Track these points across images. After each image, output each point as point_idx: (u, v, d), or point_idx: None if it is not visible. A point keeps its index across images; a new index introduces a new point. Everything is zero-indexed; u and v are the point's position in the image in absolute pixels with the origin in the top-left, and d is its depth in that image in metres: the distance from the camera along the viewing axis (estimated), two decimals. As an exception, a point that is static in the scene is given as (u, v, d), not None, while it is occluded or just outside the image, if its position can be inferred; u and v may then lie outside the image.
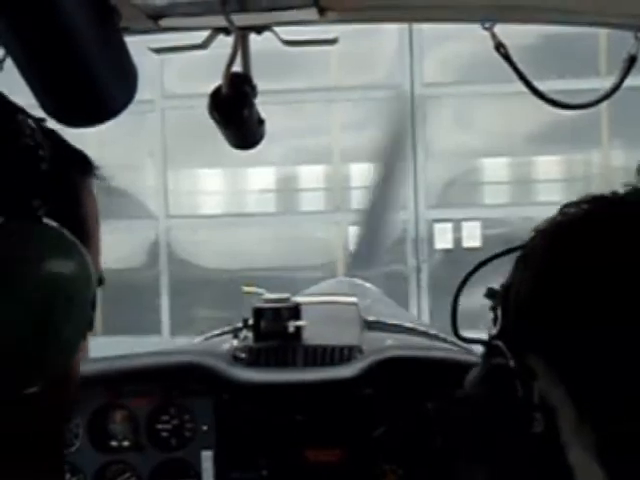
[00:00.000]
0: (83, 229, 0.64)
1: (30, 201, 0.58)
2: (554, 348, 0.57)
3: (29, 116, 0.63)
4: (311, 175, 10.32)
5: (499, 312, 0.67)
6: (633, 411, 0.52)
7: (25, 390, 0.61)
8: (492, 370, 0.67)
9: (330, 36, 1.18)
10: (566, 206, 0.62)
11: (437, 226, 9.74)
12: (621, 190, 0.61)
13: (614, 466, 0.53)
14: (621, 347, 0.53)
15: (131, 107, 0.84)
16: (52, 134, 0.64)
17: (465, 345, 2.19)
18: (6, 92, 0.65)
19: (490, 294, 0.69)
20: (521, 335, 0.62)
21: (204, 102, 1.15)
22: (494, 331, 0.67)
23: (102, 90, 0.78)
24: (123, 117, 0.84)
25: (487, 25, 1.11)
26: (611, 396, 0.53)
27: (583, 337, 0.54)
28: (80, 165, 0.66)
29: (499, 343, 0.65)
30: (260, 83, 1.17)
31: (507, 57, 1.12)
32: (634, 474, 0.52)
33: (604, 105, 1.20)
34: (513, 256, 0.68)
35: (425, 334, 2.13)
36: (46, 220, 0.59)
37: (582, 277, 0.56)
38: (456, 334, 0.84)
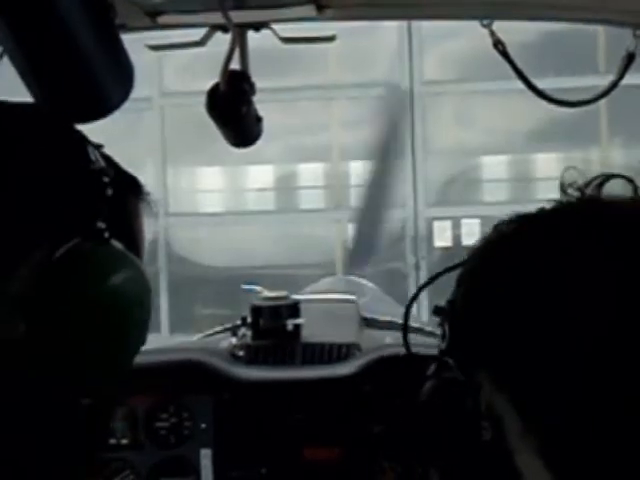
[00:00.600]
0: (137, 247, 0.71)
1: (97, 223, 0.63)
2: (495, 361, 0.61)
3: (90, 142, 0.68)
4: (310, 173, 10.32)
5: (446, 328, 0.70)
6: (572, 415, 0.55)
7: (93, 396, 0.67)
8: (442, 384, 0.71)
9: (328, 33, 1.17)
10: (498, 224, 0.65)
11: (436, 224, 9.74)
12: (548, 206, 0.65)
13: (559, 467, 0.56)
14: (554, 357, 0.56)
15: (129, 105, 0.84)
16: (109, 159, 0.70)
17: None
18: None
19: (436, 311, 0.72)
20: (465, 350, 0.66)
21: (203, 100, 1.14)
22: (443, 346, 0.71)
23: (98, 87, 0.78)
24: (121, 115, 0.84)
25: (485, 22, 1.10)
26: (551, 403, 0.56)
27: (518, 350, 0.58)
28: (134, 188, 0.72)
29: (447, 359, 0.69)
30: (258, 81, 1.17)
31: (505, 54, 1.12)
32: (579, 473, 0.56)
33: (603, 103, 1.21)
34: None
35: (424, 332, 2.13)
36: (113, 241, 0.65)
37: (510, 292, 0.60)
38: (407, 348, 0.91)
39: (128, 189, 0.70)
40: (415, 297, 0.93)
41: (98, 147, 0.70)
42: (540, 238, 0.60)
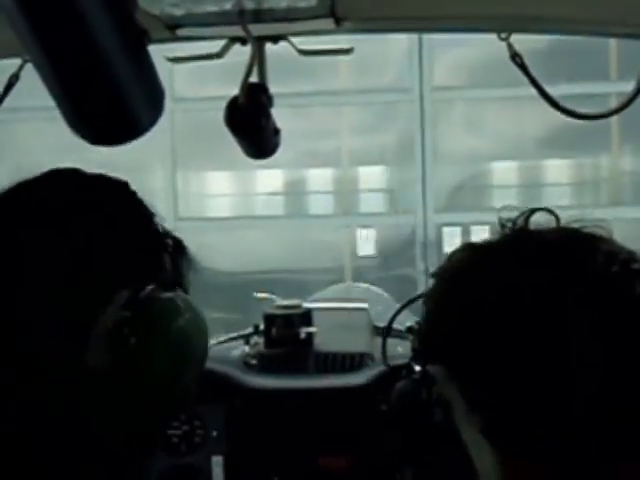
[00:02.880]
0: (187, 293, 0.85)
1: (166, 274, 0.79)
2: (447, 361, 0.78)
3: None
4: (320, 178, 10.33)
5: (415, 343, 0.85)
6: (505, 395, 0.72)
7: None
8: (409, 383, 1.01)
9: (345, 46, 1.18)
10: (452, 254, 0.81)
11: (446, 230, 9.73)
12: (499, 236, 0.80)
13: (498, 440, 0.73)
14: (493, 358, 0.72)
15: None
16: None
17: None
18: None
19: (408, 330, 0.83)
20: (426, 355, 0.85)
21: (213, 105, 1.15)
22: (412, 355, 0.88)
23: (130, 110, 0.79)
24: None
25: (503, 36, 1.10)
26: (490, 389, 0.72)
27: (465, 353, 0.75)
28: (181, 247, 0.84)
29: (412, 364, 0.88)
30: (269, 86, 1.18)
31: (523, 67, 1.12)
32: (513, 445, 0.72)
33: (613, 110, 1.20)
34: None
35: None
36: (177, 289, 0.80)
37: (461, 310, 0.75)
38: (385, 360, 0.97)
39: (179, 248, 0.83)
40: (395, 317, 1.23)
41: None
42: (486, 269, 0.76)
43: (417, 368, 0.95)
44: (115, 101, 0.78)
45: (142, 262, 0.76)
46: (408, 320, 2.28)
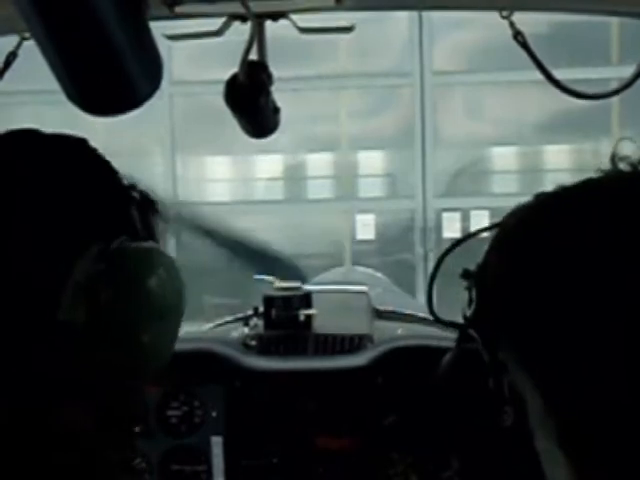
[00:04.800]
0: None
1: (135, 226, 0.78)
2: (522, 336, 0.58)
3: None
4: (319, 163, 10.31)
5: (474, 294, 0.64)
6: (598, 403, 0.53)
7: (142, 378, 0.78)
8: (463, 356, 0.66)
9: (346, 23, 1.17)
10: (539, 193, 0.62)
11: (445, 215, 9.72)
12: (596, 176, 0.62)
13: (574, 452, 0.56)
14: (590, 338, 0.53)
15: None
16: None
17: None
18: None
19: (465, 274, 0.66)
20: (493, 320, 0.61)
21: (212, 89, 1.14)
22: (468, 314, 0.65)
23: (128, 79, 0.79)
24: None
25: (505, 14, 1.09)
26: (575, 388, 0.54)
27: (551, 328, 0.55)
28: (149, 200, 0.83)
29: (470, 329, 0.64)
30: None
31: (525, 46, 1.11)
32: (592, 460, 0.55)
33: (614, 94, 1.19)
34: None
35: (428, 322, 2.13)
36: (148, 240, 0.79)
37: (553, 265, 0.56)
38: (432, 313, 0.84)
39: (146, 201, 0.81)
40: (442, 259, 0.83)
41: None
42: (588, 211, 0.57)
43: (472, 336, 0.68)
44: (113, 71, 0.78)
45: (109, 214, 0.75)
46: (408, 306, 2.28)
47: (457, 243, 0.79)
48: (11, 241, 0.70)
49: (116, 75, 0.79)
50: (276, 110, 1.19)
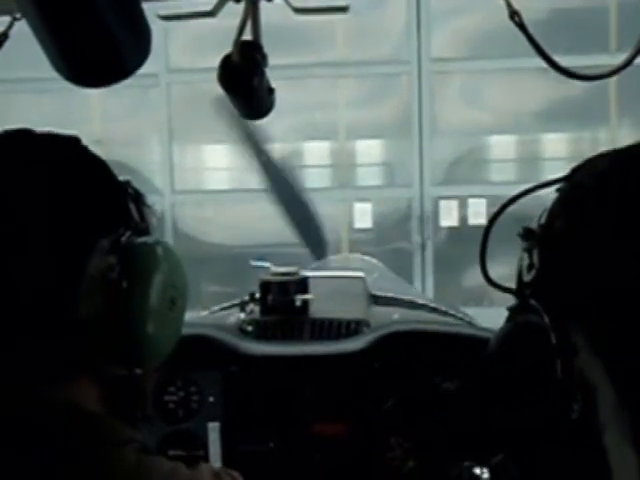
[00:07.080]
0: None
1: (137, 222, 0.81)
2: (599, 314, 0.48)
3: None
4: (316, 151, 10.28)
5: (535, 256, 0.53)
6: None
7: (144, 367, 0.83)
8: (522, 331, 0.54)
9: (341, 3, 1.15)
10: (606, 152, 0.54)
11: (442, 203, 9.70)
12: None
13: None
14: None
15: (135, 81, 0.84)
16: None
17: (470, 319, 2.19)
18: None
19: (526, 234, 0.56)
20: (561, 291, 0.51)
21: (210, 77, 1.13)
22: (528, 279, 0.54)
23: (116, 49, 0.79)
24: (127, 91, 0.85)
25: (502, -7, 1.08)
26: None
27: (635, 305, 0.45)
28: (140, 195, 0.86)
29: (532, 301, 0.53)
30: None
31: (522, 26, 1.09)
32: None
33: (613, 83, 1.18)
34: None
35: (431, 309, 2.13)
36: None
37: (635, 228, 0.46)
38: (486, 278, 0.69)
39: (139, 196, 0.85)
40: (497, 215, 0.69)
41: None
42: None
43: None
44: (100, 42, 0.77)
45: (110, 210, 0.78)
46: (405, 292, 2.28)
47: (513, 199, 0.67)
48: (23, 240, 0.72)
49: (104, 46, 0.78)
50: (270, 91, 1.18)
